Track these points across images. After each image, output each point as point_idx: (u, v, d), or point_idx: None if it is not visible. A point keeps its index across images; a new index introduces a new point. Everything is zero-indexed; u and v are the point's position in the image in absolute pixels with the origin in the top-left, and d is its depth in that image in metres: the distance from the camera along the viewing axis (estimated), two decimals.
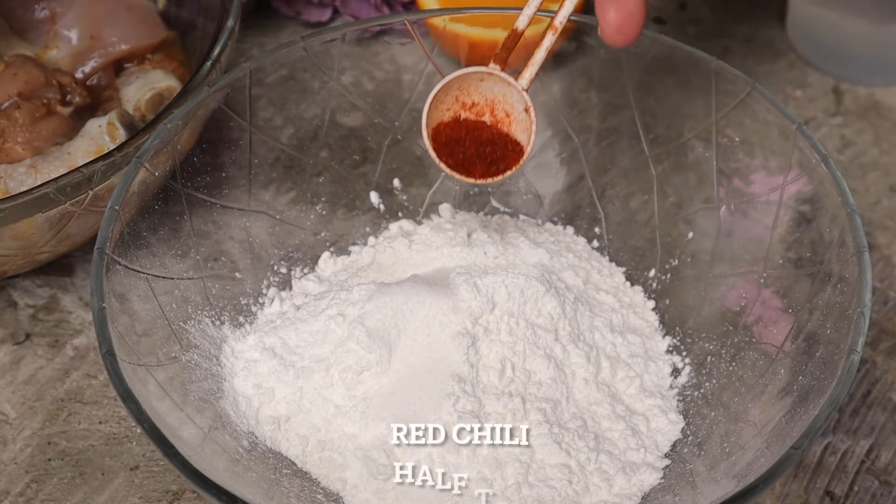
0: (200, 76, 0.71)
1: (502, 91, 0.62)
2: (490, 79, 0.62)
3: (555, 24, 0.62)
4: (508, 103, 0.62)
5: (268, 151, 0.72)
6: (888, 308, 0.74)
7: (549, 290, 0.65)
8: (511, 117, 0.62)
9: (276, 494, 0.59)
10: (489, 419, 0.61)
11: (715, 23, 0.94)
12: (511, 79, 0.62)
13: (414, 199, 0.76)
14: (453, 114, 0.62)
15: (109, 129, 0.72)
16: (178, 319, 0.64)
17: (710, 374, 0.66)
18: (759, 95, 0.66)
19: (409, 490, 0.60)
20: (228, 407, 0.63)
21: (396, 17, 0.72)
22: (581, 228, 0.75)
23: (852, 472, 0.67)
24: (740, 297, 0.67)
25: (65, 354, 0.72)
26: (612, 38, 0.61)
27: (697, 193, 0.71)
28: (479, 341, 0.63)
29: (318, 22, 0.93)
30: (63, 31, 0.80)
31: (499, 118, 0.63)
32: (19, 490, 0.66)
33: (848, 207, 0.61)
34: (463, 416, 0.61)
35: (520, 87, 0.62)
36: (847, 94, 0.88)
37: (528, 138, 0.62)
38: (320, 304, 0.67)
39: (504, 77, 0.62)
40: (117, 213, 0.61)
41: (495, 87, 0.62)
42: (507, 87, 0.62)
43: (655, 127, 0.72)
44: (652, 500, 0.60)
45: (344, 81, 0.73)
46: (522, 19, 0.62)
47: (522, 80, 0.62)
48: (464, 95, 0.62)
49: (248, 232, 0.71)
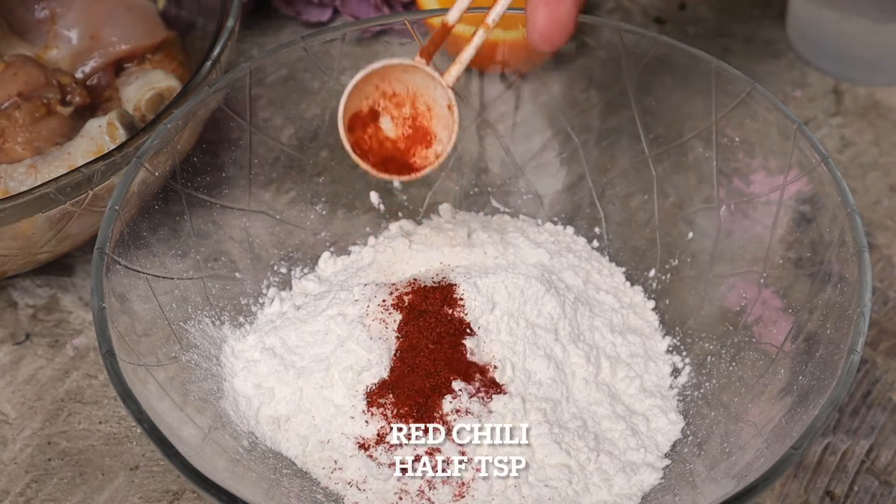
0: (200, 76, 0.71)
1: (426, 84, 0.61)
2: (414, 71, 0.61)
3: (486, 21, 0.61)
4: (431, 97, 0.61)
5: (268, 151, 0.72)
6: (888, 308, 0.74)
7: (549, 290, 0.65)
8: (432, 112, 0.61)
9: (276, 494, 0.59)
10: (489, 419, 0.61)
11: (715, 23, 0.94)
12: (436, 74, 0.60)
13: (414, 199, 0.76)
14: (371, 102, 0.61)
15: (109, 129, 0.72)
16: (178, 319, 0.64)
17: (710, 374, 0.66)
18: (759, 95, 0.66)
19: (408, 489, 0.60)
20: (228, 407, 0.63)
21: (396, 17, 0.72)
22: (581, 228, 0.75)
23: (852, 472, 0.67)
24: (740, 297, 0.67)
25: (65, 354, 0.72)
26: (539, 43, 0.60)
27: (697, 193, 0.71)
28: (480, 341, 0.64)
29: (318, 22, 0.93)
30: (63, 31, 0.80)
31: (419, 111, 0.61)
32: (19, 490, 0.66)
33: (848, 207, 0.61)
34: (463, 416, 0.61)
35: (445, 82, 0.60)
36: (847, 94, 0.88)
37: (448, 136, 0.61)
38: (320, 304, 0.67)
39: (429, 71, 0.60)
40: (117, 213, 0.61)
41: (419, 79, 0.61)
42: (431, 82, 0.60)
43: (655, 127, 0.72)
44: (652, 500, 0.60)
45: (344, 81, 0.73)
46: (453, 13, 0.61)
47: (449, 76, 0.61)
48: (385, 85, 0.61)
49: (248, 232, 0.71)
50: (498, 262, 0.68)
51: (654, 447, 0.63)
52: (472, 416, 0.61)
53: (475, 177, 0.76)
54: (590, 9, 0.94)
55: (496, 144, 0.76)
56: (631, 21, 0.93)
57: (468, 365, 0.63)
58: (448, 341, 0.63)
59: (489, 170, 0.76)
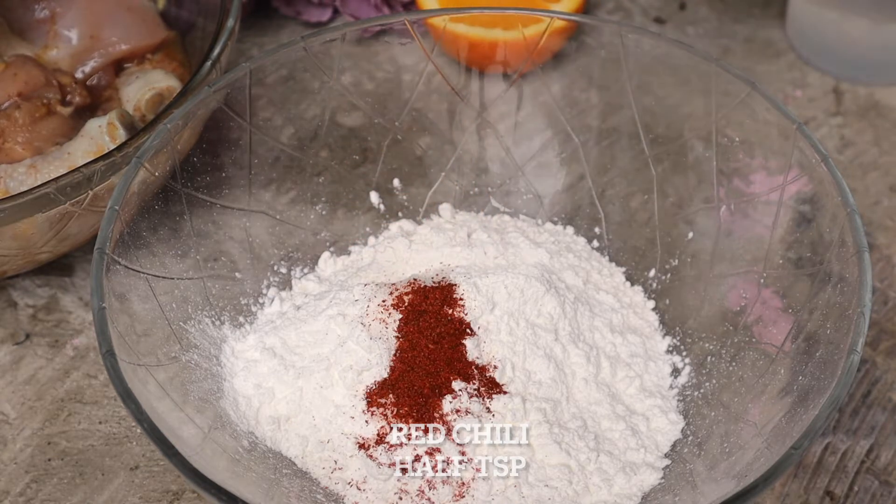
0: (200, 76, 0.71)
1: None
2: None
3: None
4: None
5: (268, 151, 0.72)
6: (888, 308, 0.74)
7: (549, 289, 0.65)
8: None
9: (276, 494, 0.59)
10: (489, 419, 0.61)
11: (715, 23, 0.94)
12: None
13: (414, 199, 0.76)
14: None
15: (109, 129, 0.72)
16: (178, 319, 0.64)
17: (710, 374, 0.66)
18: (759, 95, 0.66)
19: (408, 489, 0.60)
20: (228, 407, 0.63)
21: (396, 17, 0.72)
22: (581, 228, 0.75)
23: (852, 472, 0.67)
24: (740, 297, 0.67)
25: (65, 354, 0.72)
26: None
27: (697, 193, 0.71)
28: (480, 341, 0.64)
29: (318, 22, 0.93)
30: (63, 31, 0.80)
31: None
32: (19, 490, 0.66)
33: (848, 207, 0.61)
34: (463, 416, 0.61)
35: None
36: (847, 94, 0.88)
37: None
38: (320, 304, 0.67)
39: None
40: (117, 213, 0.61)
41: None
42: None
43: (655, 127, 0.72)
44: (652, 500, 0.60)
45: (344, 81, 0.73)
46: None
47: None
48: None
49: (248, 232, 0.71)
50: (498, 262, 0.68)
51: (654, 447, 0.63)
52: (472, 416, 0.61)
53: (475, 177, 0.76)
54: (590, 9, 0.94)
55: (496, 144, 0.76)
56: (631, 21, 0.93)
57: (468, 365, 0.63)
58: (448, 341, 0.63)
59: (489, 170, 0.76)
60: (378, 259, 0.70)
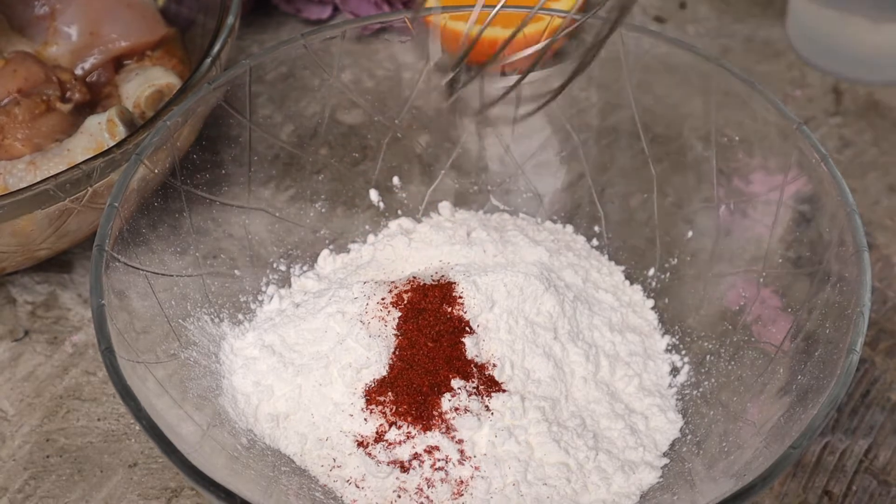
0: (200, 73, 0.71)
1: None
2: None
3: None
4: None
5: (267, 149, 0.72)
6: (887, 308, 0.74)
7: (549, 288, 0.65)
8: None
9: (274, 492, 0.59)
10: (488, 417, 0.61)
11: (715, 22, 0.94)
12: None
13: (413, 197, 0.76)
14: None
15: (109, 125, 0.72)
16: (178, 317, 0.64)
17: (708, 373, 0.66)
18: (759, 95, 0.66)
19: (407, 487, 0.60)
20: (227, 404, 0.63)
21: (396, 14, 0.72)
22: (580, 227, 0.75)
23: (851, 472, 0.67)
24: (739, 297, 0.67)
25: (64, 351, 0.72)
26: None
27: (697, 193, 0.71)
28: (479, 339, 0.64)
29: (318, 19, 0.93)
30: (63, 27, 0.80)
31: None
32: (18, 487, 0.66)
33: (847, 207, 0.61)
34: (462, 414, 0.61)
35: None
36: (847, 94, 0.88)
37: None
38: (319, 301, 0.67)
39: None
40: (117, 209, 0.61)
41: None
42: None
43: (655, 126, 0.72)
44: (650, 498, 0.60)
45: (344, 79, 0.73)
46: None
47: None
48: None
49: (248, 229, 0.71)
50: (497, 260, 0.68)
51: (653, 446, 0.63)
52: (471, 414, 0.61)
53: (475, 175, 0.76)
54: (590, 8, 0.93)
55: (496, 143, 0.76)
56: (631, 20, 0.93)
57: (467, 363, 0.63)
58: (447, 339, 0.63)
59: (489, 168, 0.76)
60: (377, 257, 0.70)
